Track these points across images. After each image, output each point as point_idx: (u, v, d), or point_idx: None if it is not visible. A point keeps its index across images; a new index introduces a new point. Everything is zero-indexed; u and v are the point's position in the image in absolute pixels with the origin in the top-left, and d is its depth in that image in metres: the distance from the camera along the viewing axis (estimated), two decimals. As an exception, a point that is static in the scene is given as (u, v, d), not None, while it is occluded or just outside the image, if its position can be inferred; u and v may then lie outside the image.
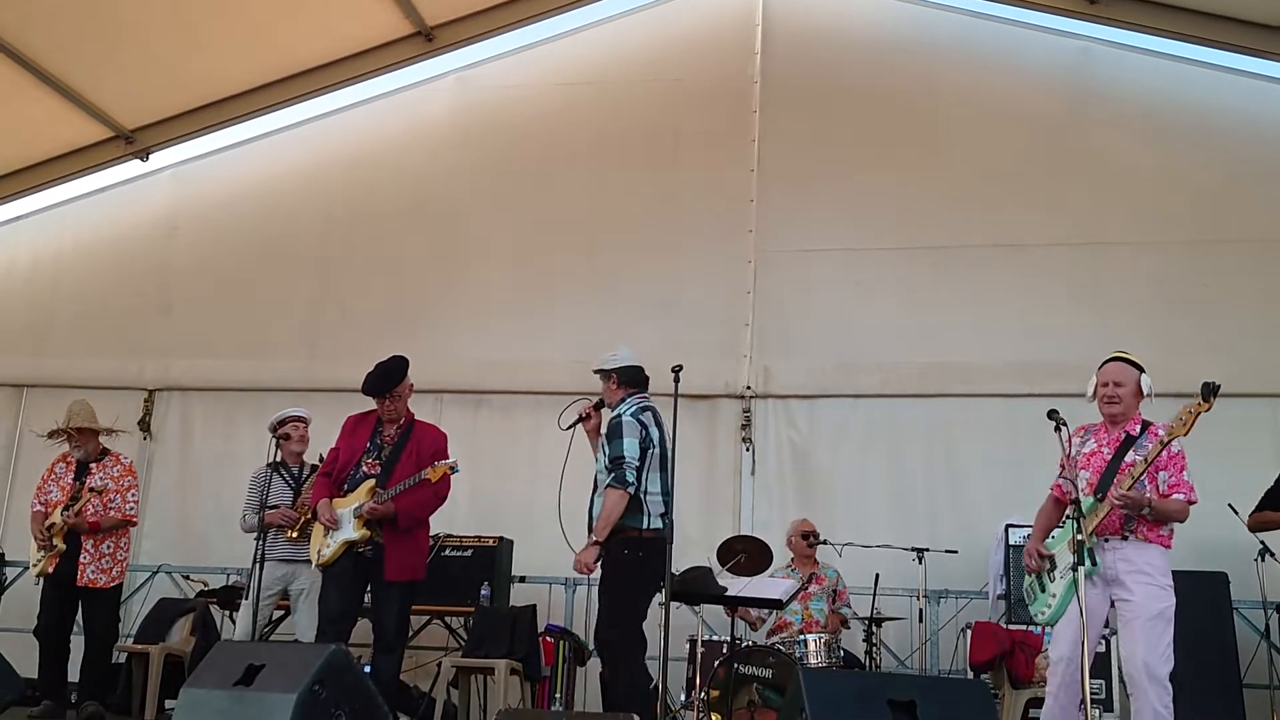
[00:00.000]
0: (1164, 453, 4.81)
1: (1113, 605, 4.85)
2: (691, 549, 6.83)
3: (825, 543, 7.33)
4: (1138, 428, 4.94)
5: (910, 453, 8.10)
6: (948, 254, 8.46)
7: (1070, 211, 8.36)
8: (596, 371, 5.96)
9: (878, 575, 6.90)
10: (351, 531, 5.78)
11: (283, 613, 7.05)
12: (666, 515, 5.58)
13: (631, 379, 5.81)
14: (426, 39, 9.14)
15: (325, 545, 5.84)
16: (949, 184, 8.55)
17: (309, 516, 6.20)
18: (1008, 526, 7.08)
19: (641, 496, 5.53)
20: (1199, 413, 4.70)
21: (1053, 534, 5.00)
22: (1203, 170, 8.29)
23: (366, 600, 5.99)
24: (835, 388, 8.29)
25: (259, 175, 9.65)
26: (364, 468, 5.94)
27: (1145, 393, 4.94)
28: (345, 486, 5.93)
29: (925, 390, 8.15)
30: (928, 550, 7.12)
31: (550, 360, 8.58)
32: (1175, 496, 4.83)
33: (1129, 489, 4.70)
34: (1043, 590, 4.91)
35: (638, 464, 5.50)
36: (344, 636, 5.62)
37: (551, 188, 9.09)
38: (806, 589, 7.23)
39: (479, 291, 8.96)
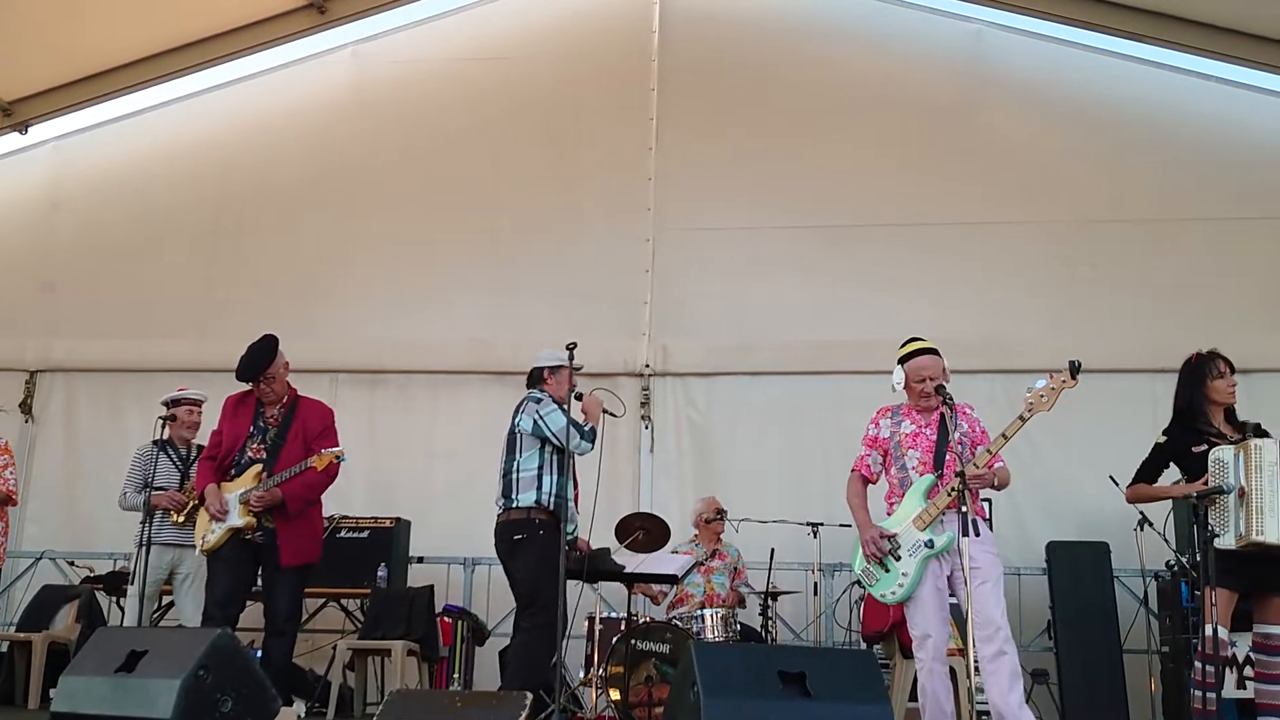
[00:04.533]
0: (977, 428, 5.02)
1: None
2: (592, 526, 6.83)
3: (724, 518, 7.40)
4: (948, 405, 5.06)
5: (806, 429, 8.19)
6: (844, 233, 8.56)
7: (963, 191, 8.53)
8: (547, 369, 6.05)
9: (773, 550, 7.00)
10: (237, 519, 5.64)
11: (171, 598, 6.89)
12: (504, 498, 5.79)
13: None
14: (319, 11, 8.96)
15: (210, 531, 5.71)
16: (846, 164, 8.65)
17: (196, 500, 6.05)
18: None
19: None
20: (1062, 390, 4.83)
21: (893, 516, 5.05)
22: (1089, 151, 8.52)
23: (258, 584, 5.88)
24: (733, 365, 8.36)
25: (146, 149, 9.37)
26: (249, 452, 5.79)
27: (946, 377, 5.10)
28: (233, 472, 5.78)
29: (821, 367, 8.24)
30: (823, 525, 7.22)
31: (448, 339, 8.54)
32: (998, 465, 5.00)
33: (982, 463, 4.81)
34: (886, 570, 4.95)
35: None
36: (232, 621, 5.52)
37: (449, 164, 8.98)
38: (709, 563, 7.30)
39: (375, 269, 8.83)
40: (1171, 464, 5.39)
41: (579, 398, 5.98)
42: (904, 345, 5.26)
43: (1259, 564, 4.97)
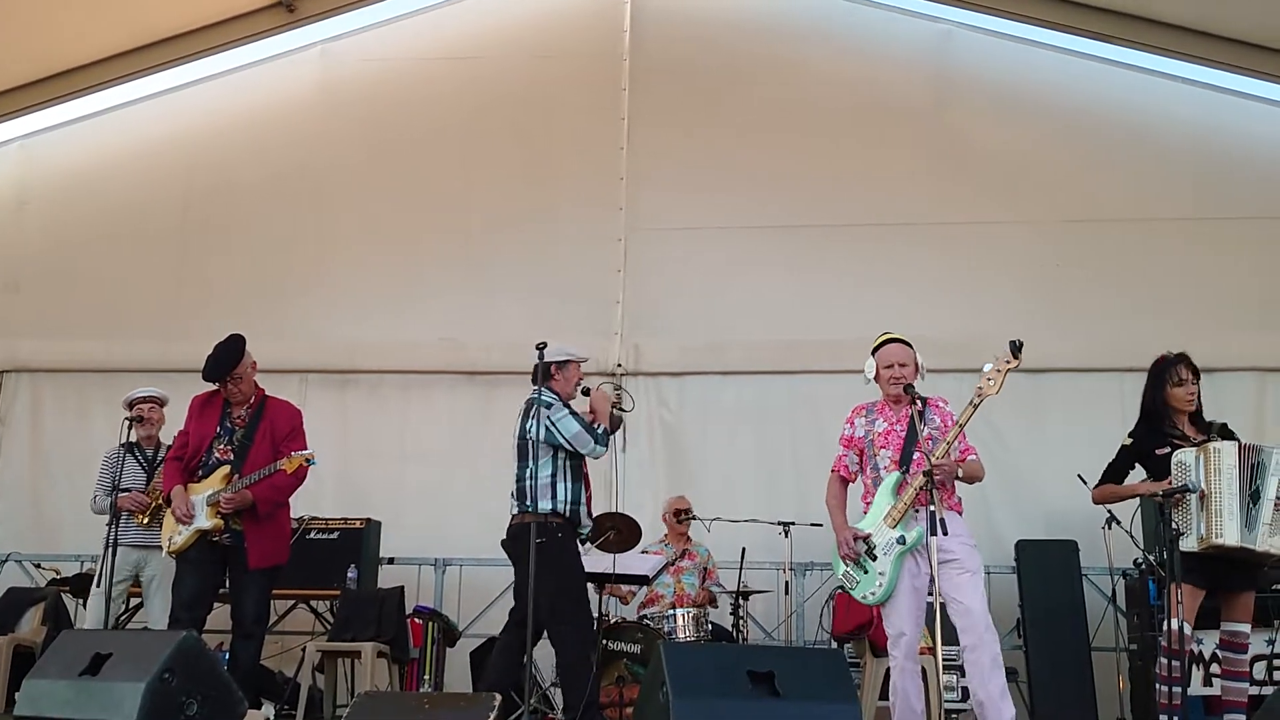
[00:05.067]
0: (949, 421, 5.00)
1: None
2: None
3: (695, 518, 7.40)
4: (920, 402, 5.08)
5: (778, 429, 8.21)
6: (816, 232, 8.58)
7: (933, 192, 8.56)
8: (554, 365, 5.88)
9: (744, 549, 6.99)
10: (205, 521, 5.59)
11: (138, 600, 6.83)
12: (519, 502, 5.65)
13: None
14: (288, 9, 8.90)
15: (177, 533, 5.65)
16: (817, 163, 8.66)
17: (161, 501, 6.00)
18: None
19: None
20: (1007, 370, 4.85)
21: (868, 516, 5.07)
22: (1058, 152, 8.57)
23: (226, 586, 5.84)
24: (705, 365, 8.36)
25: (114, 148, 9.29)
26: (216, 453, 5.74)
27: (920, 371, 5.12)
28: (200, 473, 5.73)
29: (793, 367, 8.25)
30: (794, 524, 7.23)
31: (419, 339, 8.51)
32: (971, 458, 5.04)
33: (942, 456, 4.82)
34: (865, 572, 4.95)
35: None
36: (199, 623, 5.46)
37: (420, 164, 8.94)
38: (678, 563, 7.30)
39: (345, 269, 8.79)
40: (1137, 465, 5.43)
41: (586, 393, 5.92)
42: (879, 338, 5.28)
43: (1224, 563, 5.02)
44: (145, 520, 6.35)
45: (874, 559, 4.93)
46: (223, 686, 4.39)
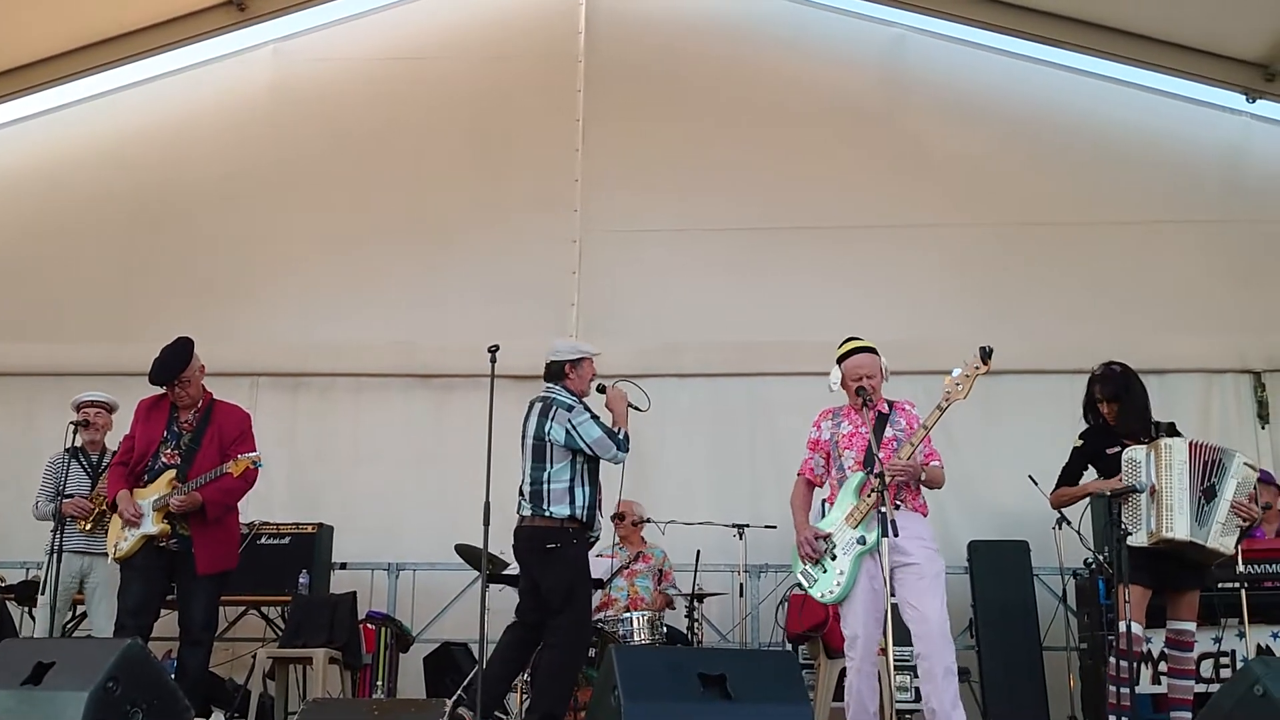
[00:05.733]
0: (915, 424, 5.04)
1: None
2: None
3: (649, 521, 7.38)
4: (886, 405, 5.12)
5: (733, 431, 8.22)
6: (771, 235, 8.60)
7: (887, 194, 8.61)
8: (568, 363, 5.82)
9: (699, 552, 6.99)
10: (151, 526, 5.51)
11: (85, 608, 6.72)
12: (533, 504, 5.55)
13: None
14: (239, 8, 8.79)
15: (123, 539, 5.57)
16: (773, 166, 8.68)
17: (104, 507, 5.90)
18: (823, 502, 7.23)
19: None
20: (976, 376, 4.89)
21: (828, 517, 5.10)
22: (1010, 156, 8.65)
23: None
24: (660, 368, 8.30)
25: (60, 147, 9.13)
26: (163, 458, 5.65)
27: (885, 378, 5.18)
28: (145, 478, 5.64)
29: (748, 369, 8.27)
30: (748, 526, 7.24)
31: (372, 341, 8.45)
32: (934, 464, 5.08)
33: (908, 458, 4.85)
34: (825, 571, 4.98)
35: None
36: (145, 630, 5.38)
37: (372, 165, 8.87)
38: (632, 566, 7.28)
39: (297, 271, 8.69)
40: (1090, 466, 5.48)
41: (601, 390, 5.84)
42: (842, 345, 5.28)
43: (1171, 562, 5.09)
44: (89, 526, 6.25)
45: (834, 558, 4.95)
46: (168, 695, 4.33)
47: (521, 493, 5.60)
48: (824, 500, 5.27)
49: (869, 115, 8.79)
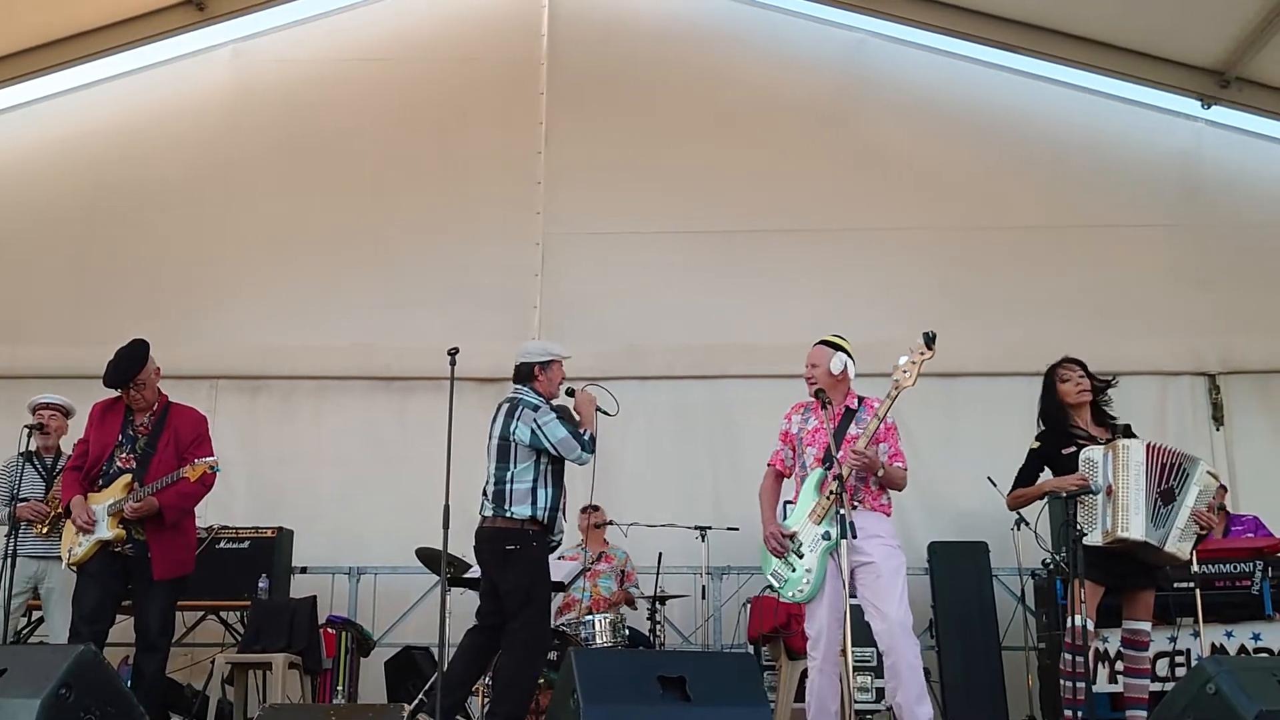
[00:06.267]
0: (882, 425, 5.04)
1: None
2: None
3: (611, 523, 7.39)
4: (855, 401, 5.15)
5: (695, 433, 8.24)
6: (733, 238, 8.63)
7: (847, 198, 8.66)
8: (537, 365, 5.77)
9: (661, 554, 7.01)
10: (106, 531, 5.43)
11: (41, 613, 6.64)
12: (495, 505, 5.53)
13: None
14: (198, 8, 8.71)
15: (77, 544, 5.49)
16: (734, 169, 8.71)
17: (60, 511, 5.83)
18: (786, 504, 7.26)
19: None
20: (922, 362, 4.93)
21: (792, 515, 5.12)
22: (968, 160, 8.72)
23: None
24: (622, 370, 8.28)
25: (15, 147, 9.01)
26: (118, 462, 5.57)
27: (835, 372, 5.16)
28: (100, 482, 5.56)
29: (708, 371, 8.31)
30: (710, 528, 7.26)
31: (332, 344, 8.41)
32: (896, 465, 5.09)
33: (863, 448, 4.87)
34: (793, 570, 5.00)
35: None
36: (100, 636, 5.31)
37: (334, 166, 8.82)
38: (595, 567, 7.28)
39: (257, 273, 8.62)
40: (1046, 468, 5.52)
41: (570, 394, 5.82)
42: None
43: (1126, 561, 5.14)
44: (44, 530, 6.17)
45: (800, 556, 4.96)
46: (122, 701, 4.26)
47: (485, 493, 5.57)
48: (786, 502, 5.28)
49: (830, 119, 8.83)
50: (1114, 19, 8.33)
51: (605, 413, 5.88)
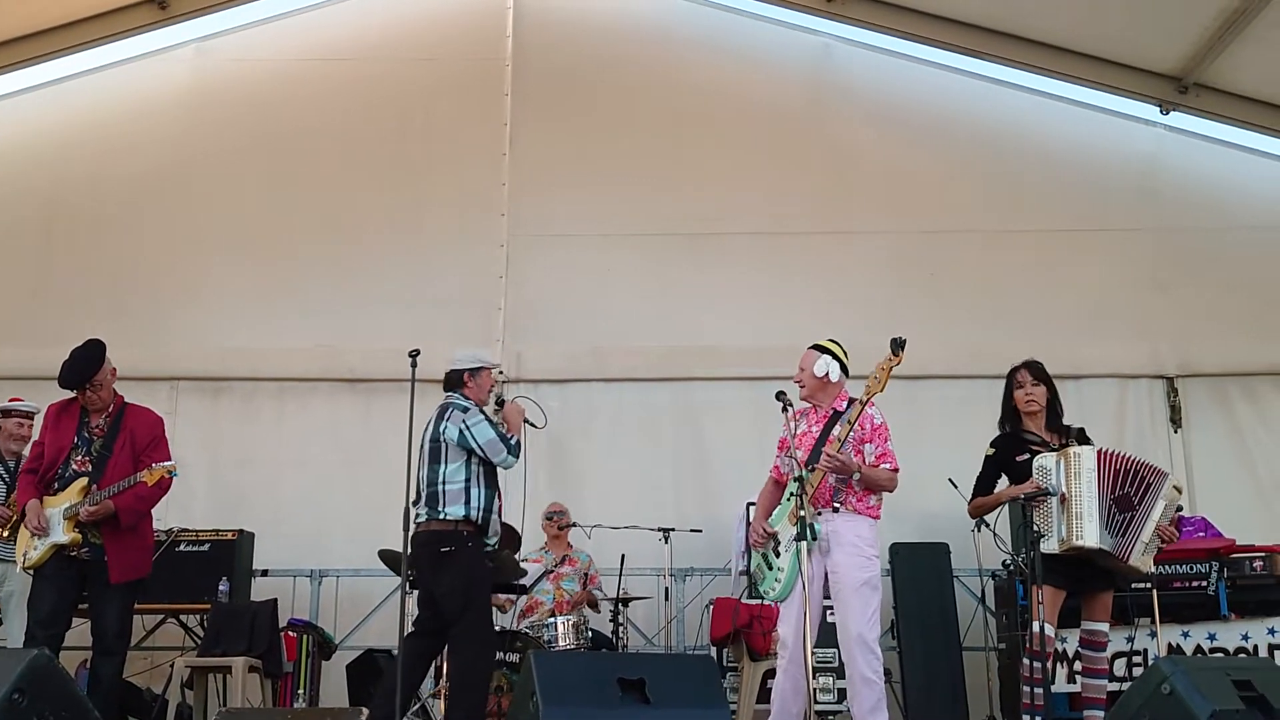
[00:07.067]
0: (869, 425, 5.08)
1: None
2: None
3: (575, 525, 7.39)
4: (844, 404, 5.18)
5: (658, 435, 8.25)
6: (698, 240, 8.64)
7: (810, 201, 8.70)
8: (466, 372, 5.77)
9: (624, 556, 7.00)
10: (61, 535, 5.38)
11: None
12: (429, 508, 5.51)
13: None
14: (160, 6, 8.61)
15: (32, 548, 5.44)
16: (700, 171, 8.73)
17: (19, 515, 5.76)
18: (749, 505, 7.28)
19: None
20: (890, 368, 4.98)
21: (775, 512, 5.17)
22: (929, 164, 8.77)
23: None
24: (586, 372, 8.35)
25: (-31, 147, 8.92)
26: (73, 465, 5.51)
27: (820, 376, 5.19)
28: (56, 485, 5.50)
29: (672, 374, 8.31)
30: (674, 530, 7.27)
31: (295, 346, 8.36)
32: (883, 466, 5.10)
33: (836, 451, 4.90)
34: (770, 568, 5.05)
35: None
36: (56, 641, 5.27)
37: (297, 167, 8.75)
38: (558, 569, 7.28)
39: (218, 273, 8.54)
40: (1003, 474, 5.57)
41: (500, 404, 5.84)
42: None
43: (1084, 566, 5.18)
44: (5, 534, 6.10)
45: (778, 555, 5.00)
46: (77, 706, 4.23)
47: (418, 497, 5.57)
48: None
49: (795, 123, 8.86)
50: (1074, 25, 8.41)
51: (532, 424, 5.91)
